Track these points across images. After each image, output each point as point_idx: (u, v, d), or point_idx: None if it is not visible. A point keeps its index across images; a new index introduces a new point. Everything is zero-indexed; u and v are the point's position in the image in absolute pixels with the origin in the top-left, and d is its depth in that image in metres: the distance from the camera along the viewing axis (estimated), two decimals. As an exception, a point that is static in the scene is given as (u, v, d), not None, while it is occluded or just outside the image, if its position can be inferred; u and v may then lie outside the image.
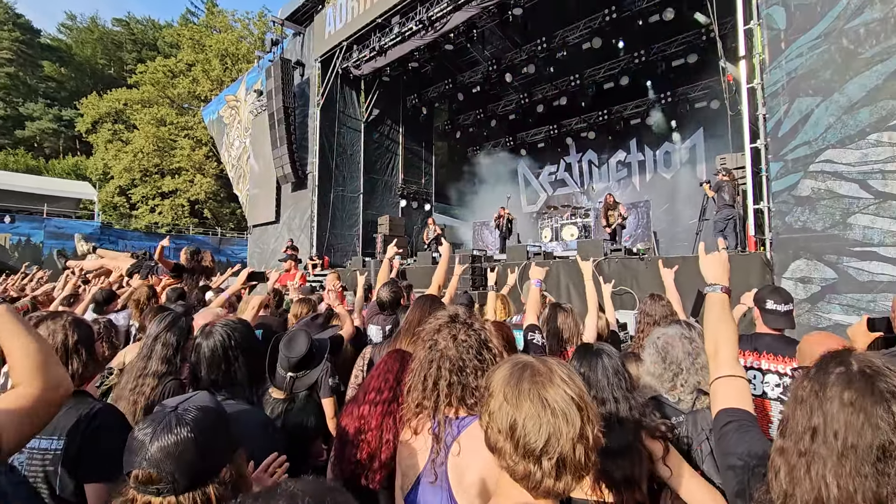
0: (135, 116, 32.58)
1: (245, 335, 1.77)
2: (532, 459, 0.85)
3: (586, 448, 0.85)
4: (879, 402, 0.81)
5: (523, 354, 0.99)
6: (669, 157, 14.95)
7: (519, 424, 0.87)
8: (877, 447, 0.79)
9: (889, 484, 0.78)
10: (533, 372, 0.91)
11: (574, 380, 0.90)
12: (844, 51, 5.52)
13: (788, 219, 5.80)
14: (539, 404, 0.86)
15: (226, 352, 1.68)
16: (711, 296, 1.44)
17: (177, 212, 31.75)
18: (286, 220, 15.60)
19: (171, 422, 0.95)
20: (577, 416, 0.85)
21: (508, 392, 0.90)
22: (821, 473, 0.83)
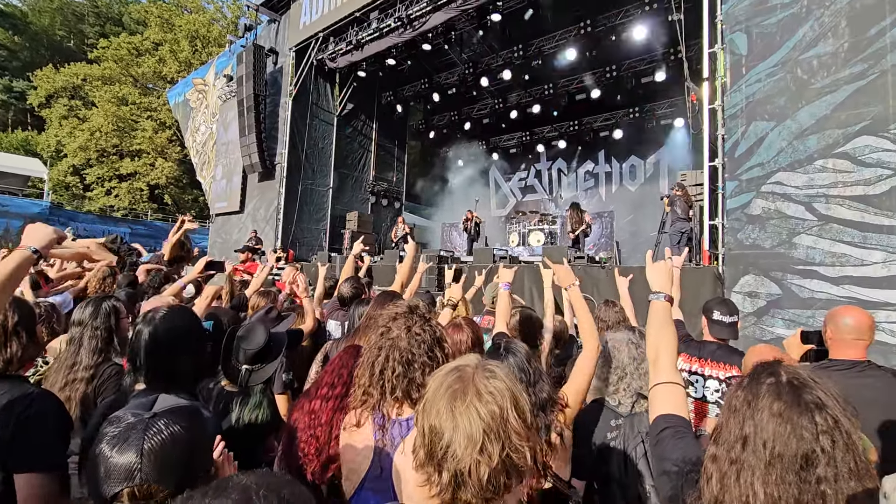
0: (94, 93, 30.94)
1: (190, 324, 1.69)
2: (434, 466, 0.84)
3: (491, 470, 0.81)
4: (804, 413, 0.85)
5: (471, 357, 0.97)
6: (635, 171, 15.44)
7: (427, 431, 0.86)
8: (801, 456, 0.83)
9: (810, 491, 0.83)
10: (457, 379, 0.89)
11: (493, 396, 0.86)
12: (798, 80, 5.85)
13: (740, 235, 6.10)
14: (448, 415, 0.85)
15: (169, 341, 1.59)
16: (655, 303, 1.49)
17: (135, 196, 30.36)
18: (251, 211, 15.19)
19: (155, 425, 0.89)
20: (481, 434, 0.82)
21: (430, 396, 0.90)
22: (749, 481, 0.87)
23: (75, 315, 2.01)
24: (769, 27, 6.13)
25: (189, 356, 1.64)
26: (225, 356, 2.09)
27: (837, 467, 0.83)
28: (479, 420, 0.83)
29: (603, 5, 11.28)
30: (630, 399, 1.78)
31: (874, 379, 2.03)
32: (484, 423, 0.83)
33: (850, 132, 5.43)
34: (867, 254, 5.21)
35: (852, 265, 5.28)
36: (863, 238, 5.25)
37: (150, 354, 1.56)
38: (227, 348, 2.10)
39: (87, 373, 1.87)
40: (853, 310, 2.20)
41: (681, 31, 8.64)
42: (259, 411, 2.01)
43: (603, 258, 8.53)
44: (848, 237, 5.34)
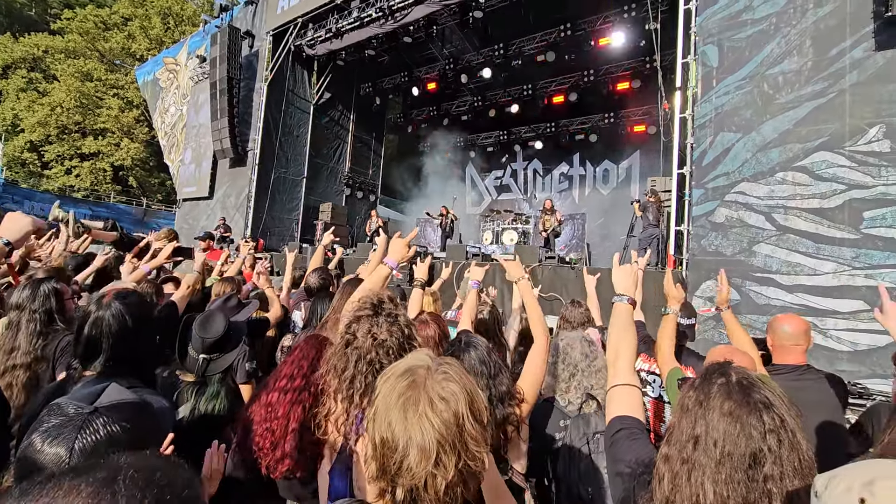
0: (56, 66, 29.37)
1: (145, 310, 1.63)
2: (387, 481, 0.80)
3: (446, 482, 0.77)
4: (753, 412, 0.88)
5: (423, 356, 0.91)
6: (608, 175, 15.75)
7: (379, 443, 0.81)
8: (749, 455, 0.86)
9: (757, 489, 0.85)
10: (406, 385, 0.83)
11: (446, 402, 0.81)
12: (764, 94, 6.08)
13: (704, 242, 6.31)
14: (401, 426, 0.79)
15: (126, 327, 1.53)
16: (618, 306, 1.51)
17: (97, 176, 29.04)
18: (220, 197, 14.77)
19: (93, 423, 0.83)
20: (435, 446, 0.77)
21: (380, 404, 0.84)
22: (700, 480, 0.88)
23: (13, 298, 1.91)
24: (739, 41, 6.35)
25: (144, 343, 1.59)
26: (181, 345, 2.02)
27: (783, 466, 0.85)
28: (433, 430, 0.78)
29: (583, 10, 11.44)
30: (579, 399, 1.81)
31: (812, 381, 2.16)
32: (438, 434, 0.78)
33: (810, 147, 5.68)
34: (820, 264, 5.47)
35: (806, 274, 5.54)
36: (816, 249, 5.51)
37: (104, 341, 1.50)
38: (183, 336, 2.03)
39: (26, 357, 1.77)
40: (790, 317, 2.32)
41: (657, 40, 8.85)
42: (216, 402, 1.95)
43: (573, 259, 8.68)
44: (803, 247, 5.60)
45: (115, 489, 0.43)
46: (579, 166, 16.43)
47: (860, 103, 5.44)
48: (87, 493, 0.42)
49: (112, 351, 1.52)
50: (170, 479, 0.48)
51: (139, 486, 0.44)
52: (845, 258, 5.34)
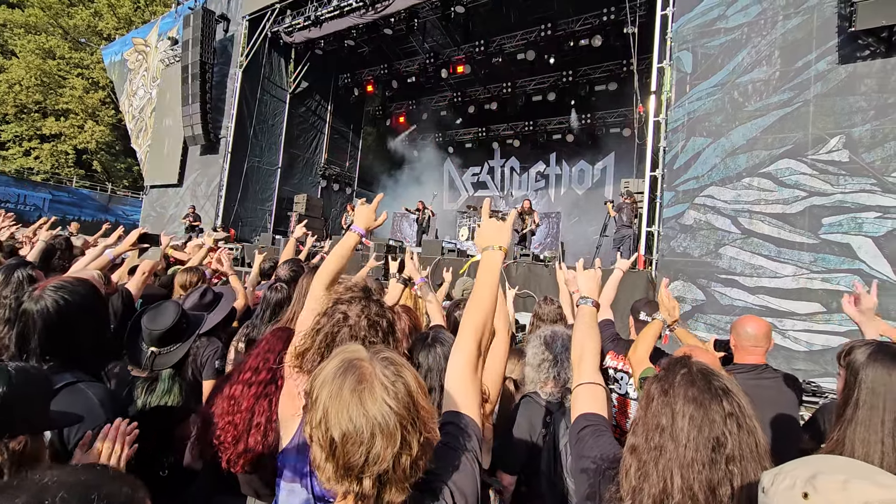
0: (14, 42, 27.81)
1: (88, 300, 1.54)
2: (352, 478, 0.79)
3: (411, 458, 0.80)
4: (715, 398, 0.93)
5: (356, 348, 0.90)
6: (583, 175, 15.99)
7: (338, 441, 0.79)
8: (713, 439, 0.90)
9: (720, 471, 0.89)
10: (356, 379, 0.83)
11: (396, 384, 0.82)
12: (734, 102, 6.27)
13: (673, 243, 6.48)
14: (360, 418, 0.79)
15: (62, 318, 1.45)
16: (583, 308, 1.56)
17: (59, 159, 27.72)
18: (190, 185, 14.33)
19: None
20: (398, 428, 0.79)
21: (330, 404, 0.82)
22: (668, 467, 0.91)
23: None
24: (713, 49, 6.52)
25: (90, 335, 1.51)
26: (130, 337, 1.94)
27: (742, 448, 0.90)
28: (394, 414, 0.79)
29: (564, 11, 11.54)
30: (560, 392, 1.84)
31: (769, 380, 2.25)
32: (399, 416, 0.80)
33: (775, 154, 5.90)
34: (781, 267, 5.70)
35: (767, 277, 5.76)
36: (778, 252, 5.74)
37: (43, 335, 1.43)
38: (134, 328, 1.95)
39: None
40: (754, 319, 2.41)
41: (634, 44, 9.01)
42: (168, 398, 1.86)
43: (547, 257, 8.79)
44: (765, 251, 5.81)
45: None
46: (556, 165, 16.62)
47: (822, 114, 5.68)
48: None
49: (44, 345, 1.44)
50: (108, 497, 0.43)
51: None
52: (804, 262, 5.58)
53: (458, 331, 1.19)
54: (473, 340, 1.16)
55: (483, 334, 1.18)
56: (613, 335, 2.77)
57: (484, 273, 1.29)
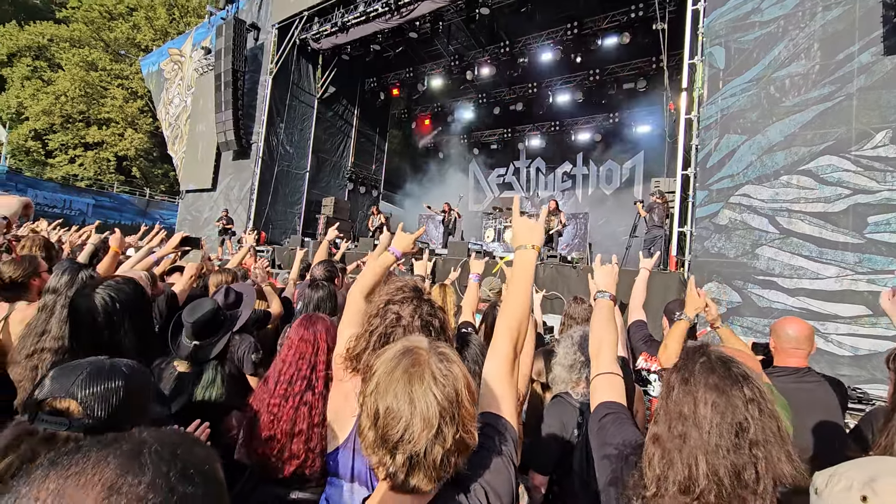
0: (61, 55, 29.32)
1: (133, 297, 1.60)
2: (387, 450, 0.84)
3: (444, 450, 0.83)
4: (735, 384, 0.94)
5: (420, 339, 0.96)
6: (611, 175, 15.73)
7: (381, 414, 0.85)
8: (735, 423, 0.91)
9: (744, 455, 0.89)
10: (410, 362, 0.88)
11: (448, 378, 0.87)
12: (770, 97, 6.07)
13: (707, 243, 6.30)
14: (405, 398, 0.84)
15: (109, 315, 1.51)
16: (600, 301, 1.58)
17: (101, 166, 29.03)
18: (223, 189, 14.78)
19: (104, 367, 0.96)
20: (437, 417, 0.83)
21: (382, 379, 0.88)
22: (692, 453, 0.92)
23: (50, 282, 1.91)
24: (747, 43, 6.33)
25: (133, 331, 1.57)
26: (174, 334, 2.02)
27: (765, 432, 0.90)
28: (437, 403, 0.83)
29: (590, 9, 11.40)
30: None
31: (812, 384, 2.17)
32: (440, 406, 0.83)
33: (815, 151, 5.67)
34: (822, 268, 5.47)
35: (808, 278, 5.54)
36: (819, 253, 5.51)
37: (91, 331, 1.49)
38: (176, 325, 2.04)
39: (55, 343, 1.77)
40: (795, 321, 2.32)
41: (664, 40, 8.82)
42: (213, 390, 1.93)
43: (575, 258, 8.68)
44: (806, 251, 5.59)
45: (141, 461, 0.45)
46: (582, 166, 16.40)
47: (867, 108, 5.43)
48: (114, 464, 0.44)
49: (93, 339, 1.51)
50: (190, 453, 0.49)
51: (164, 459, 0.46)
52: (848, 263, 5.34)
53: (494, 332, 1.20)
54: (509, 341, 1.17)
55: (519, 335, 1.19)
56: (647, 336, 2.73)
57: (518, 272, 1.29)
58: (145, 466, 0.44)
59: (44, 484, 0.41)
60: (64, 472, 0.43)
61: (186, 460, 0.48)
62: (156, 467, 0.45)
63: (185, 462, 0.48)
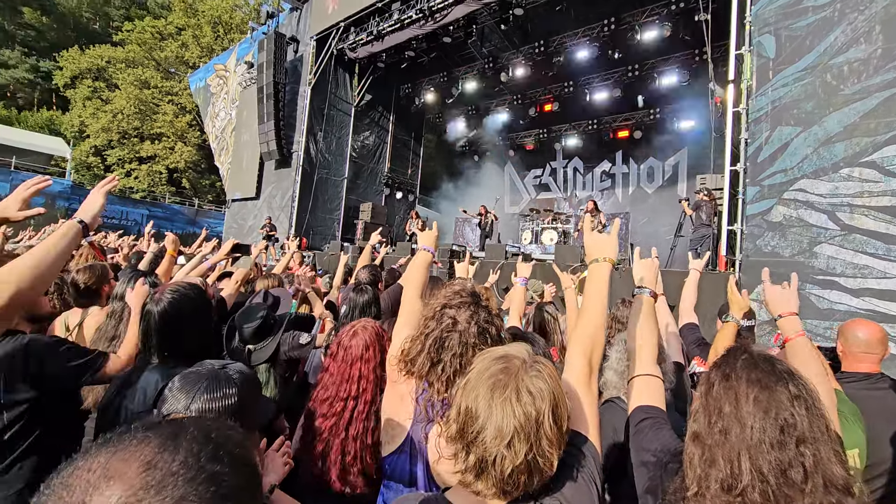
0: (117, 76, 31.32)
1: (198, 303, 1.69)
2: (463, 446, 0.86)
3: (514, 466, 0.82)
4: (780, 380, 0.90)
5: (521, 347, 0.95)
6: (653, 173, 15.25)
7: (462, 410, 0.87)
8: (781, 420, 0.87)
9: (790, 453, 0.85)
10: (500, 369, 0.88)
11: (532, 396, 0.85)
12: (827, 86, 5.72)
13: (759, 242, 6.00)
14: (485, 402, 0.85)
15: (176, 320, 1.61)
16: (639, 297, 1.50)
17: (154, 178, 30.73)
18: (266, 198, 15.32)
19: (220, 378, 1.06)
20: (511, 431, 0.82)
21: (473, 378, 0.90)
22: (734, 450, 0.88)
23: (117, 289, 2.05)
24: (799, 30, 5.99)
25: (197, 335, 1.66)
26: (228, 338, 2.10)
27: (813, 430, 0.87)
28: (513, 418, 0.83)
29: (628, 3, 11.12)
30: None
31: (884, 391, 2.01)
32: (517, 422, 0.83)
33: (879, 141, 5.29)
34: (891, 266, 5.09)
35: (874, 277, 5.17)
36: (887, 250, 5.13)
37: (160, 334, 1.58)
38: (229, 330, 2.11)
39: None
40: (864, 323, 2.17)
41: (707, 31, 8.49)
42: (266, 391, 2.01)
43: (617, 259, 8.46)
44: (871, 248, 5.22)
45: (177, 442, 0.50)
46: (622, 164, 15.98)
47: (938, 93, 5.03)
48: (155, 443, 0.50)
49: (160, 342, 1.60)
50: (224, 438, 0.55)
51: (198, 441, 0.52)
52: (920, 260, 4.95)
53: (568, 346, 1.18)
54: (584, 356, 1.15)
55: (594, 349, 1.17)
56: (699, 340, 2.62)
57: (592, 287, 1.28)
58: (180, 446, 0.50)
59: (95, 458, 0.48)
60: (112, 448, 0.49)
61: (219, 443, 0.53)
62: (189, 448, 0.50)
63: (218, 444, 0.53)
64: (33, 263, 1.18)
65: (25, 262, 1.17)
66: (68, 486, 0.45)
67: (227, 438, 0.55)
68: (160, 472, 0.47)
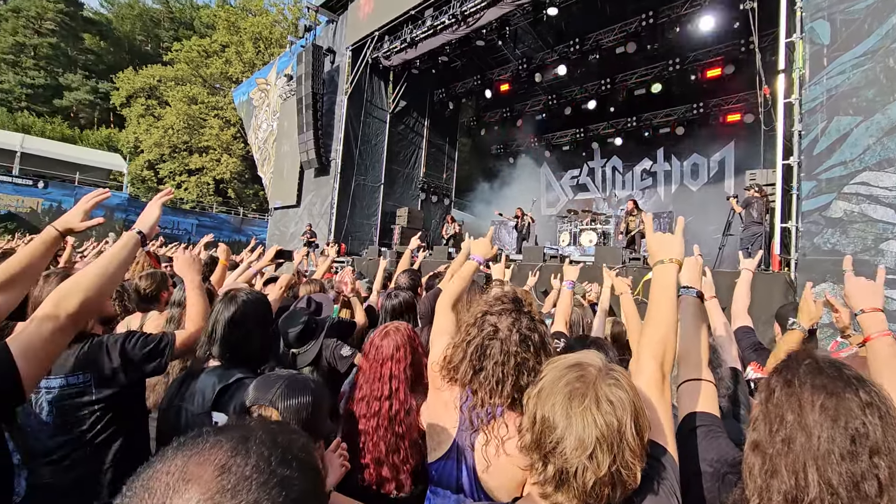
0: (168, 93, 33.22)
1: (263, 311, 1.77)
2: (539, 456, 0.84)
3: (597, 478, 0.80)
4: (849, 387, 0.84)
5: (593, 355, 0.92)
6: (697, 169, 14.66)
7: (538, 420, 0.85)
8: (852, 430, 0.81)
9: (863, 465, 0.79)
10: (576, 377, 0.87)
11: (612, 405, 0.83)
12: (890, 71, 5.33)
13: (817, 240, 5.65)
14: (563, 412, 0.83)
15: (242, 326, 1.68)
16: (685, 298, 1.41)
17: (202, 189, 32.32)
18: (307, 205, 15.77)
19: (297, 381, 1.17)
20: (594, 442, 0.80)
21: (546, 386, 0.88)
22: (799, 460, 0.83)
23: (175, 296, 2.17)
24: (856, 13, 5.63)
25: (259, 339, 1.73)
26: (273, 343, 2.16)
27: (888, 441, 0.80)
28: (595, 427, 0.81)
29: (667, -5, 10.78)
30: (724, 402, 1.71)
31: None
32: (598, 432, 0.81)
33: (953, 128, 4.89)
34: (969, 263, 4.68)
35: (950, 276, 4.77)
36: (964, 246, 4.73)
37: (227, 334, 1.66)
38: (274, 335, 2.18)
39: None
40: None
41: (754, 20, 8.10)
42: None
43: (660, 260, 8.17)
44: (946, 244, 4.82)
45: (248, 446, 0.52)
46: (664, 161, 15.45)
47: None
48: (227, 447, 0.51)
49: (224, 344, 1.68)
50: (290, 442, 0.56)
51: (267, 445, 0.53)
52: None
53: (637, 353, 1.15)
54: (654, 360, 1.11)
55: (665, 354, 1.12)
56: (755, 344, 2.49)
57: (658, 290, 1.22)
58: (251, 451, 0.51)
59: (172, 461, 0.50)
60: (188, 451, 0.51)
61: (286, 447, 0.55)
62: (259, 452, 0.52)
63: (285, 448, 0.54)
64: (99, 272, 1.27)
65: (92, 271, 1.26)
66: (149, 488, 0.47)
67: (293, 442, 0.57)
68: (234, 476, 0.48)
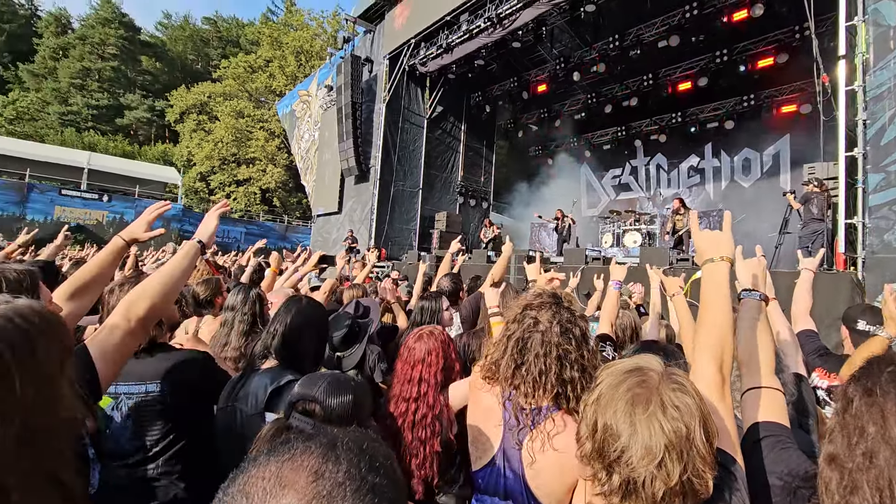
0: (217, 108, 35.05)
1: (321, 316, 1.84)
2: (603, 466, 0.81)
3: (668, 488, 0.77)
4: None
5: (653, 360, 0.90)
6: (749, 165, 13.93)
7: (600, 428, 0.82)
8: None
9: None
10: (637, 382, 0.84)
11: (679, 411, 0.80)
12: (969, 50, 4.89)
13: (887, 237, 5.23)
14: (626, 419, 0.80)
15: (299, 330, 1.74)
16: (747, 301, 1.33)
17: (249, 199, 33.80)
18: (348, 212, 16.14)
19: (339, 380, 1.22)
20: (662, 450, 0.78)
21: (605, 392, 0.86)
22: (884, 475, 0.76)
23: (228, 301, 2.28)
24: (929, -10, 5.20)
25: (313, 343, 1.79)
26: None
27: None
28: (662, 434, 0.78)
29: (713, -16, 10.34)
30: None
31: None
32: (667, 439, 0.78)
33: None
34: None
35: None
36: None
37: (286, 337, 1.72)
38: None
39: (234, 353, 2.09)
40: None
41: (809, 4, 7.63)
42: None
43: (710, 261, 7.79)
44: None
45: (336, 453, 0.53)
46: (712, 158, 14.77)
47: None
48: (318, 453, 0.52)
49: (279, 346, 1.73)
50: (374, 450, 0.56)
51: (354, 451, 0.54)
52: None
53: (694, 356, 1.11)
54: (713, 365, 1.06)
55: (723, 358, 1.07)
56: (820, 349, 2.33)
57: (709, 289, 1.18)
58: (340, 457, 0.52)
59: (266, 467, 0.51)
60: (280, 457, 0.52)
61: (373, 455, 0.55)
62: (349, 458, 0.52)
63: (372, 456, 0.55)
64: (164, 279, 1.34)
65: (157, 279, 1.34)
66: (247, 493, 0.48)
67: (377, 450, 0.57)
68: (328, 483, 0.49)
